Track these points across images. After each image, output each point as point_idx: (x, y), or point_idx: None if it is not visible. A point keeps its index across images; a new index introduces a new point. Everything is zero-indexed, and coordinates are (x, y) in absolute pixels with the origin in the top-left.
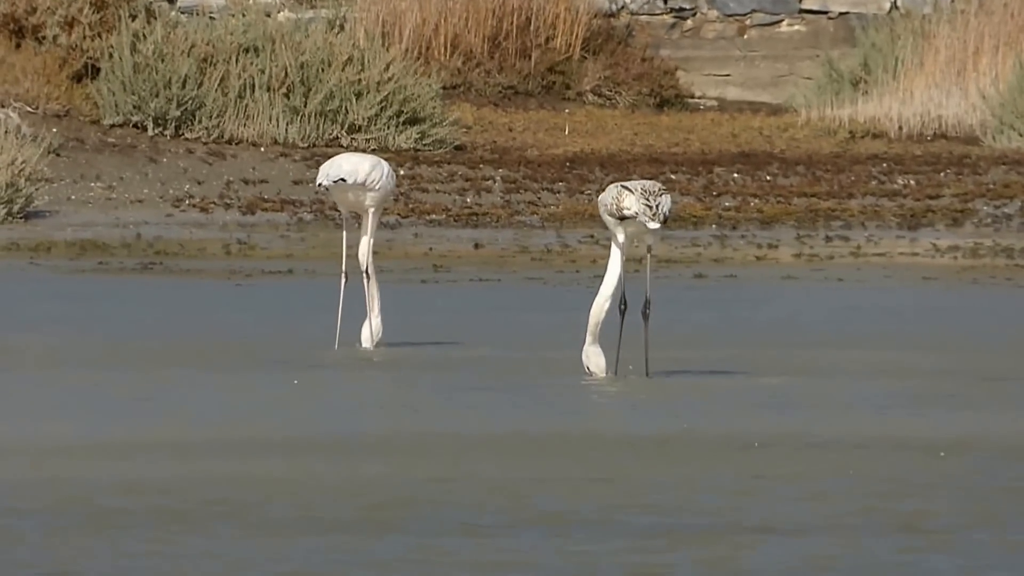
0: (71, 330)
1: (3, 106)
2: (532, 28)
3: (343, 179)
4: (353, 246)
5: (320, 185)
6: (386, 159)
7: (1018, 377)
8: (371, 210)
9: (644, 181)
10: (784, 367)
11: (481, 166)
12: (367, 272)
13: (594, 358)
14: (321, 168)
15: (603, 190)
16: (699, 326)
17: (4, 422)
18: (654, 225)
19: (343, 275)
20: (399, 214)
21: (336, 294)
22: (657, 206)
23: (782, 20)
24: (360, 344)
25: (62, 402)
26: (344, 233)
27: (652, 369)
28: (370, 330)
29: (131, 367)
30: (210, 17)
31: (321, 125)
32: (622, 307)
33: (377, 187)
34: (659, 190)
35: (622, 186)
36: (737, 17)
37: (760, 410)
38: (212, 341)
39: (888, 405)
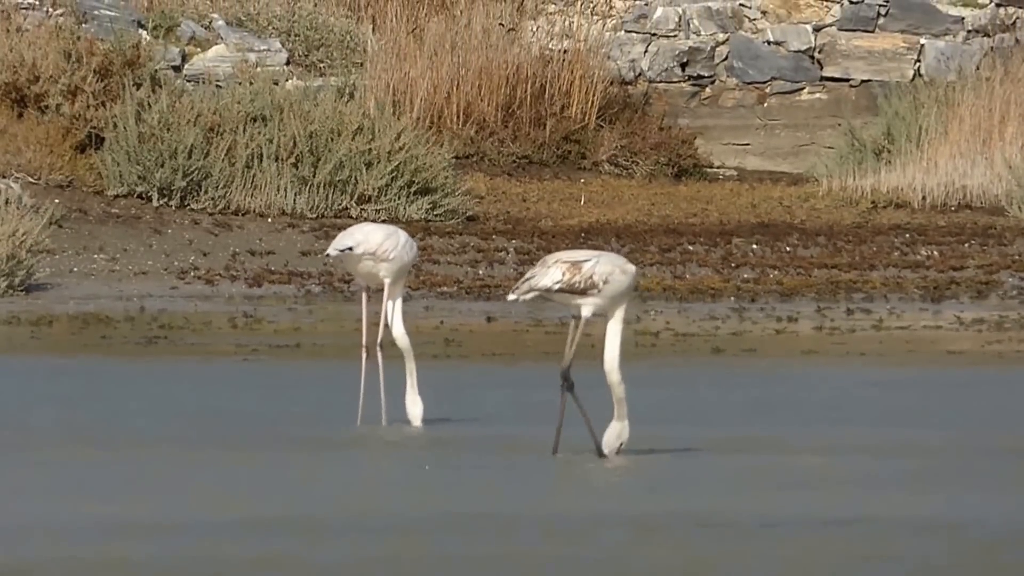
0: (72, 407)
1: (4, 177)
2: (547, 96)
3: (350, 248)
4: (371, 320)
5: (327, 256)
6: None
7: None
8: (387, 281)
9: (558, 253)
10: (803, 444)
11: (494, 237)
12: (380, 345)
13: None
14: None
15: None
16: (716, 402)
17: (5, 503)
18: (509, 296)
19: (363, 349)
20: (409, 287)
21: (349, 370)
22: (526, 279)
23: (803, 88)
24: (410, 423)
25: (63, 482)
26: (362, 307)
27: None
28: (417, 407)
29: (133, 446)
30: (217, 85)
31: (330, 195)
32: (566, 383)
33: (391, 257)
34: (553, 262)
35: None
36: (757, 85)
37: (780, 490)
38: (217, 419)
39: (912, 484)
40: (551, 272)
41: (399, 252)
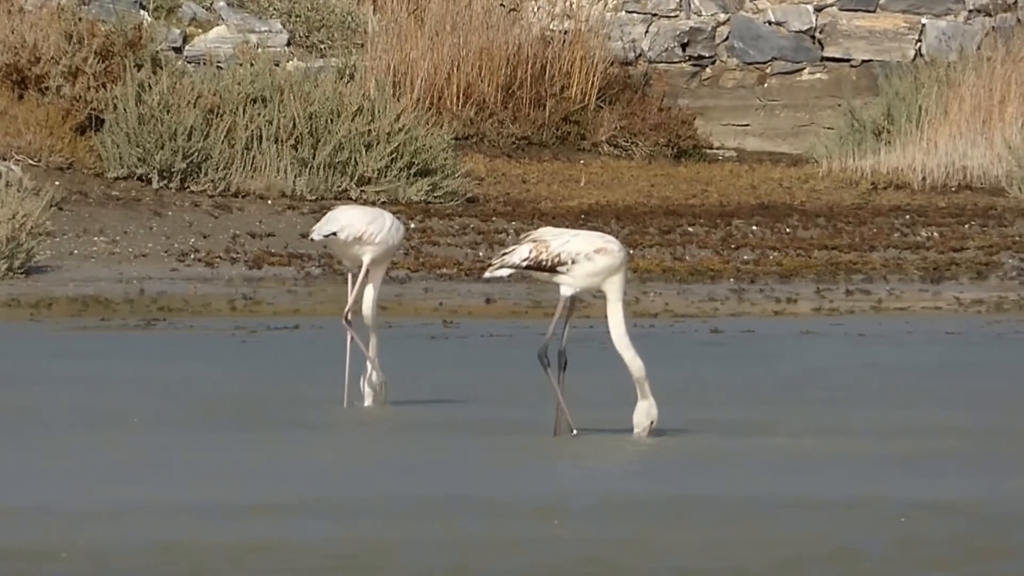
0: (72, 389)
1: (4, 159)
2: (547, 77)
3: (334, 233)
4: (358, 298)
5: (312, 240)
6: (396, 211)
7: None
8: (369, 263)
9: (539, 231)
10: (802, 426)
11: (494, 219)
12: (371, 325)
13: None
14: (319, 222)
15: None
16: (715, 383)
17: (5, 483)
18: (484, 275)
19: (345, 320)
20: (409, 268)
21: (343, 350)
22: (499, 256)
23: (803, 68)
24: (364, 402)
25: (64, 462)
26: (348, 284)
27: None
28: (370, 387)
29: (134, 426)
30: (217, 66)
31: (330, 177)
32: (549, 360)
33: (377, 241)
34: (525, 239)
35: None
36: (757, 65)
37: (777, 471)
38: (217, 400)
39: (912, 465)
40: (520, 249)
41: (384, 235)
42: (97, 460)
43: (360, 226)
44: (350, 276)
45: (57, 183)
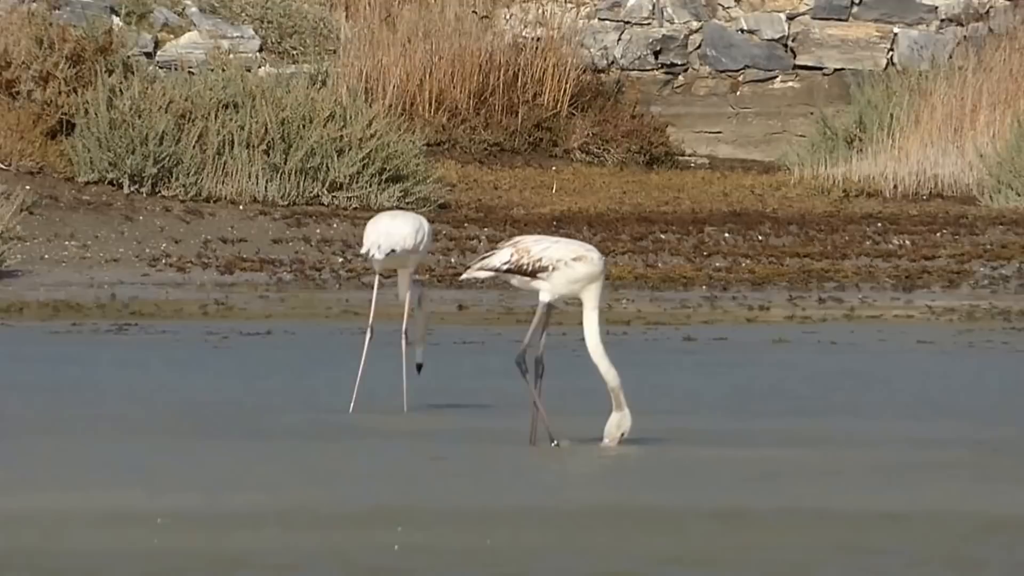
0: (43, 394)
1: None
2: (519, 84)
3: (393, 251)
4: (380, 303)
5: (372, 259)
6: (367, 217)
7: (1013, 447)
8: (410, 269)
9: (519, 237)
10: (775, 434)
11: (466, 225)
12: (405, 333)
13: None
14: (366, 235)
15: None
16: (687, 391)
17: None
18: (462, 276)
19: (369, 330)
20: (381, 274)
21: (320, 358)
22: (479, 259)
23: (776, 76)
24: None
25: (33, 469)
26: (374, 292)
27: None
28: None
29: (104, 433)
30: (189, 72)
31: (302, 183)
32: (528, 367)
33: (421, 249)
34: (507, 244)
35: None
36: (730, 73)
37: (748, 481)
38: (188, 405)
39: (879, 475)
40: (500, 253)
41: (427, 243)
42: (67, 466)
43: (411, 239)
44: (376, 283)
45: (28, 187)
